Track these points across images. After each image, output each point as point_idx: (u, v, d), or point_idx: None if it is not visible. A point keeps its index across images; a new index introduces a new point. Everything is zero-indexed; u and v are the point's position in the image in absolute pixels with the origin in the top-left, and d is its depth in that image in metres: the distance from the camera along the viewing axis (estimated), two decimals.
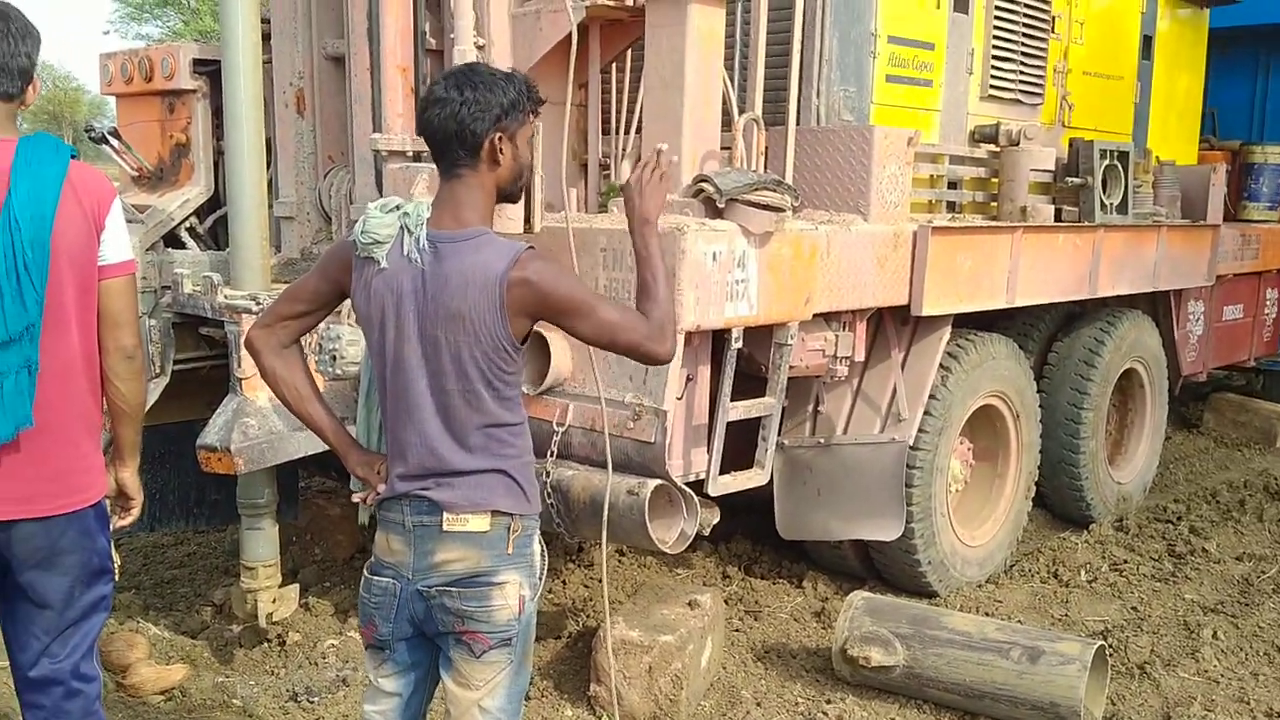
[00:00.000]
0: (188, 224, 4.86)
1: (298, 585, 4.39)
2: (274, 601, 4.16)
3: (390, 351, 2.39)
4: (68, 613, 2.62)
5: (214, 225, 4.94)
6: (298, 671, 4.16)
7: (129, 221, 4.48)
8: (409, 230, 2.34)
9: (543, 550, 2.56)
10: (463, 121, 2.32)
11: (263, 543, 4.13)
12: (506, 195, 2.48)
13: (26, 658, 2.62)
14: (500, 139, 2.37)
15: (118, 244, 2.59)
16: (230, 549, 5.11)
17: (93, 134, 4.95)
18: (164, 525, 4.91)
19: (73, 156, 2.54)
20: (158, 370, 4.31)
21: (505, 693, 2.48)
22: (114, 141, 4.91)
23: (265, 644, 4.36)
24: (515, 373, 2.42)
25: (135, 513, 2.85)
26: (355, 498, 2.64)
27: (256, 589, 4.12)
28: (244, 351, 3.83)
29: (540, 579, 2.54)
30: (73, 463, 2.56)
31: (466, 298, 2.31)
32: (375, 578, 2.50)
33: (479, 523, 2.41)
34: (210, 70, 4.64)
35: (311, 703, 3.92)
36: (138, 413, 2.72)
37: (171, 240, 4.82)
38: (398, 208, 2.39)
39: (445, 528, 2.40)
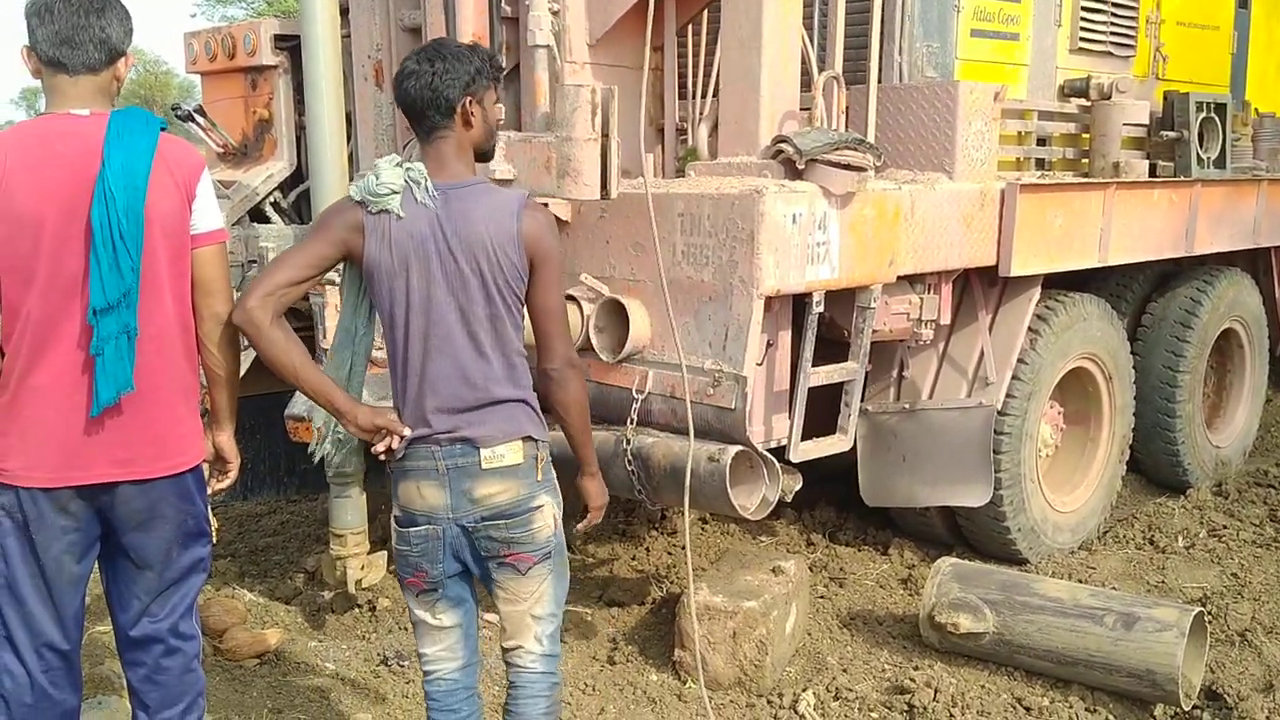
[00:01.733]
0: (272, 199, 4.93)
1: (386, 552, 4.46)
2: (363, 568, 4.23)
3: (418, 293, 2.59)
4: (167, 573, 2.70)
5: (297, 199, 5.00)
6: (388, 636, 4.24)
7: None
8: (415, 182, 2.58)
9: None
10: (437, 89, 2.61)
11: (351, 510, 4.20)
12: (482, 154, 2.77)
13: (128, 617, 2.71)
14: (470, 103, 2.64)
15: (208, 213, 2.65)
16: (321, 517, 5.21)
17: (179, 112, 5.04)
18: (257, 494, 5.03)
19: (162, 129, 2.59)
20: (247, 343, 4.38)
21: (551, 598, 2.80)
22: (199, 119, 5.00)
23: (356, 609, 4.44)
24: (525, 302, 2.70)
25: (233, 475, 2.93)
26: (378, 448, 2.71)
27: (346, 556, 4.19)
28: (329, 322, 3.91)
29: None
30: (171, 427, 2.62)
31: (489, 229, 2.59)
32: (412, 529, 2.69)
33: (514, 455, 2.66)
34: (291, 46, 4.69)
35: (402, 666, 3.99)
36: (233, 378, 2.78)
37: (257, 215, 4.90)
38: (399, 164, 2.61)
39: (484, 465, 2.63)
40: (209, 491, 2.88)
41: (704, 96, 4.52)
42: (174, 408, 2.64)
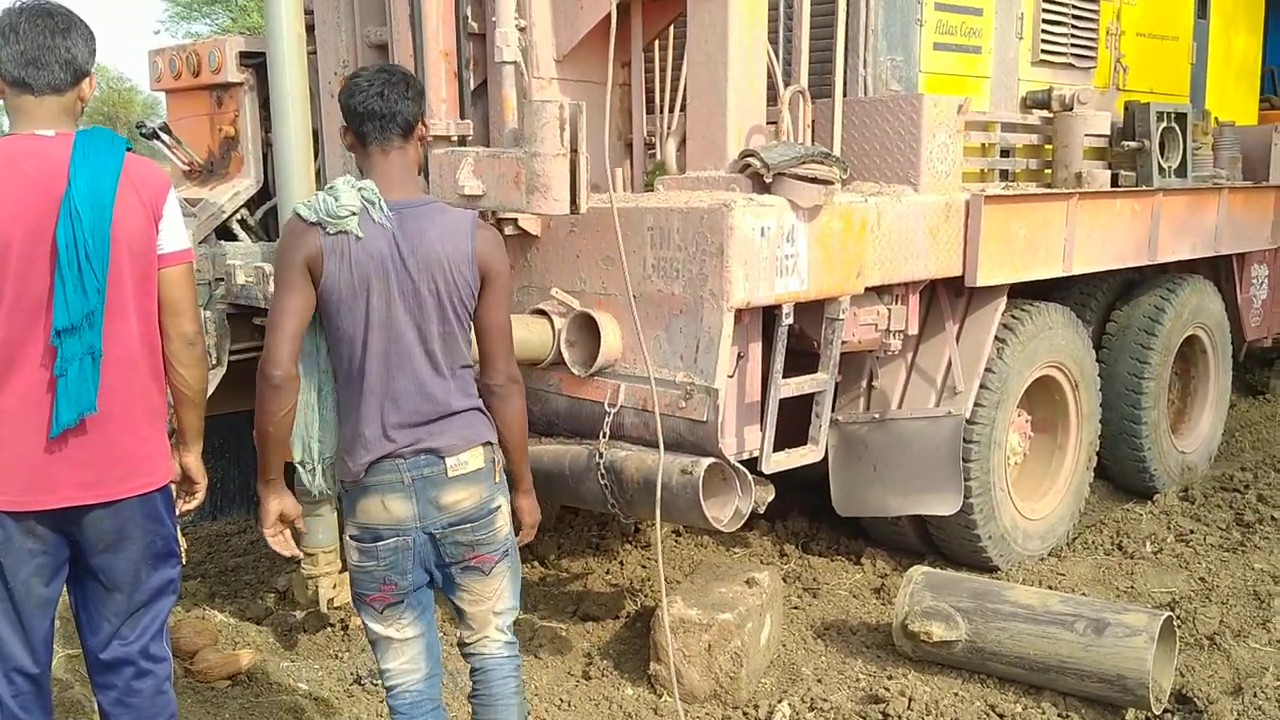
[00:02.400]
0: (239, 216, 4.91)
1: None
2: (334, 587, 4.20)
3: (379, 311, 2.66)
4: (136, 595, 2.68)
5: (265, 216, 4.98)
6: (360, 655, 4.21)
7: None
8: (371, 202, 2.65)
9: None
10: (401, 108, 2.72)
11: (322, 529, 4.17)
12: (423, 169, 2.97)
13: (98, 640, 2.69)
14: (421, 123, 2.80)
15: (175, 233, 2.64)
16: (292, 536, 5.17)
17: (144, 130, 5.01)
18: (226, 514, 4.99)
19: (128, 149, 2.58)
20: (214, 361, 4.36)
21: (510, 592, 2.94)
22: (165, 137, 4.97)
23: (328, 629, 4.41)
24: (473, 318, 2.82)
25: (200, 496, 2.92)
26: (268, 533, 2.84)
27: (317, 575, 4.17)
28: None
29: None
30: (137, 447, 2.61)
31: (445, 249, 2.68)
32: (379, 543, 2.74)
33: (476, 460, 2.77)
34: (256, 63, 4.68)
35: (375, 685, 3.96)
36: (200, 398, 2.77)
37: (224, 233, 4.88)
38: (354, 186, 2.67)
39: (450, 473, 2.73)
40: (177, 512, 2.86)
41: (671, 111, 4.55)
42: (140, 428, 2.62)
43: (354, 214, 2.62)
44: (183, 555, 2.84)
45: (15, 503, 2.50)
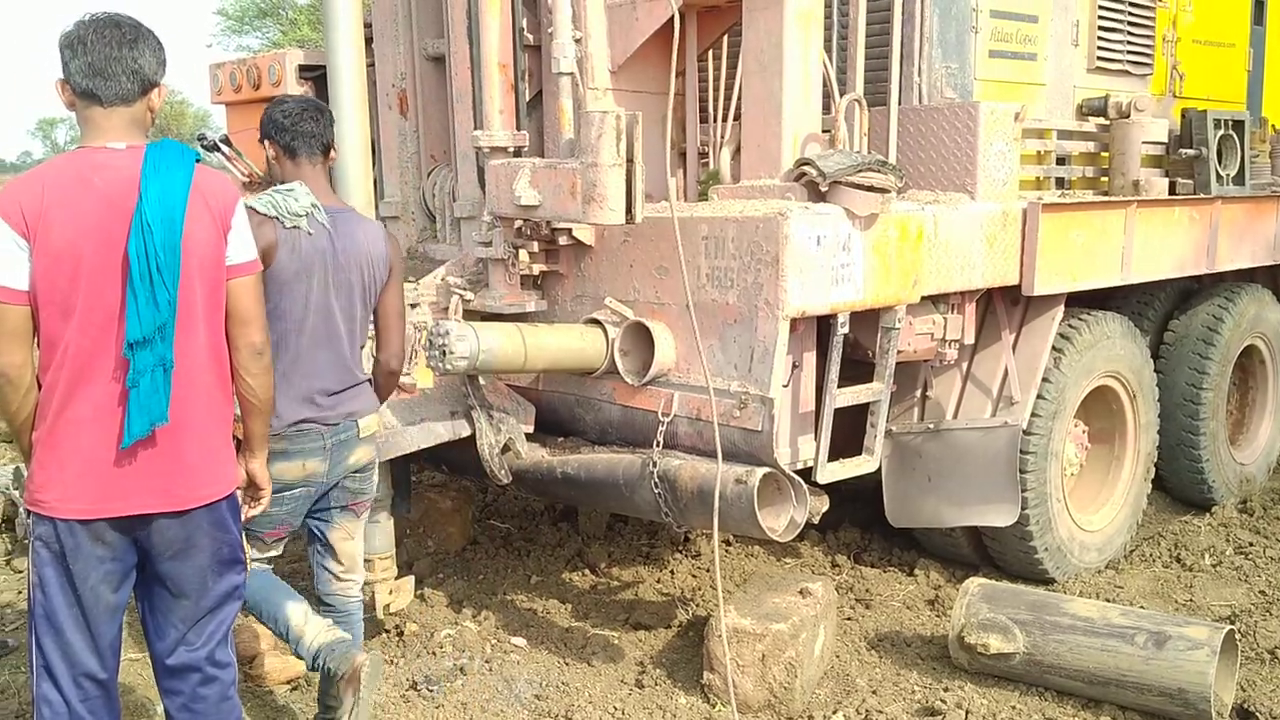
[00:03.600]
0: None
1: (412, 577, 4.48)
2: (391, 593, 4.24)
3: (317, 296, 3.21)
4: (203, 601, 2.72)
5: None
6: (416, 661, 4.24)
7: None
8: (315, 206, 3.21)
9: None
10: (328, 132, 3.37)
11: (379, 535, 4.21)
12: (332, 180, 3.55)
13: (165, 646, 2.73)
14: (332, 148, 3.42)
15: (243, 244, 2.68)
16: None
17: (205, 142, 5.08)
18: None
19: (196, 161, 2.62)
20: None
21: (363, 529, 3.65)
22: (225, 149, 5.04)
23: (384, 634, 4.45)
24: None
25: (265, 501, 2.97)
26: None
27: (374, 581, 4.20)
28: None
29: None
30: (206, 456, 2.64)
31: (369, 248, 3.33)
32: (287, 493, 3.25)
33: (375, 424, 3.44)
34: (315, 75, 4.75)
35: (431, 691, 3.99)
36: (266, 406, 2.83)
37: None
38: (305, 190, 3.21)
39: (361, 434, 3.37)
40: (242, 518, 2.91)
41: (726, 120, 4.56)
42: (208, 438, 2.66)
43: (306, 214, 3.16)
44: (248, 562, 2.87)
45: (87, 510, 2.54)
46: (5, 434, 6.39)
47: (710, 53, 4.68)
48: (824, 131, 4.12)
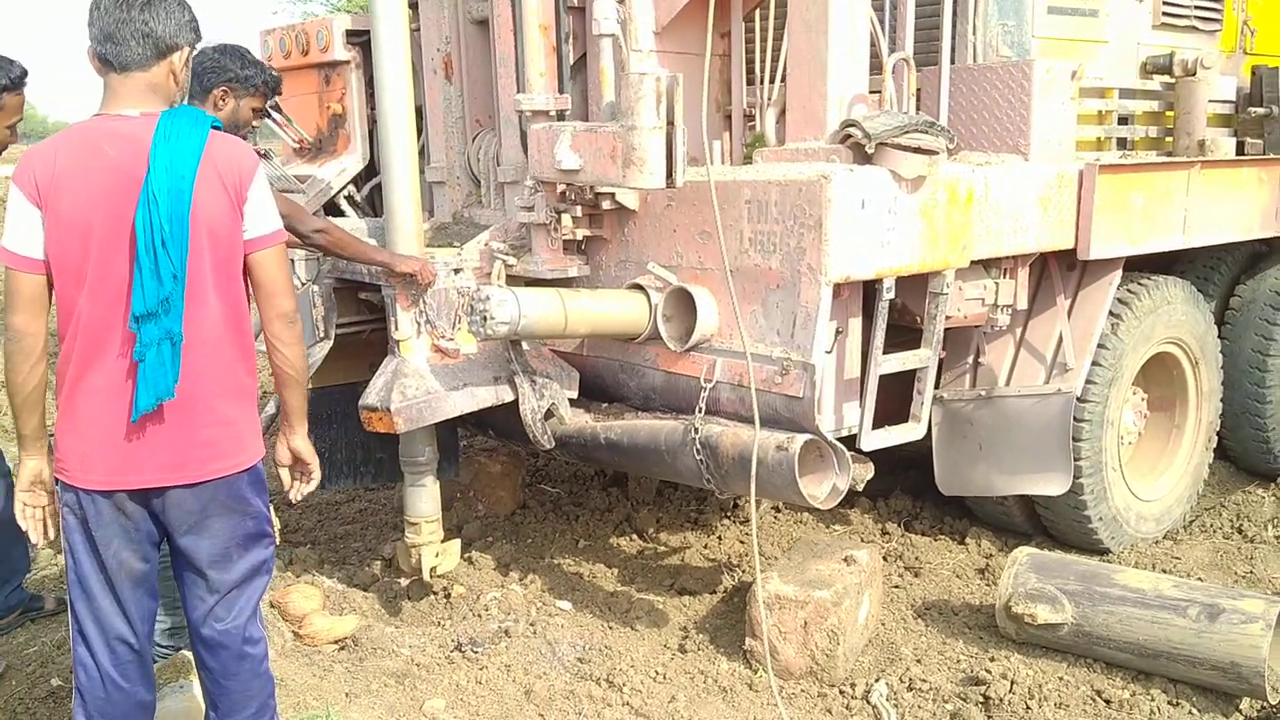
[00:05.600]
0: (346, 192, 5.00)
1: (459, 540, 4.52)
2: (437, 556, 4.29)
3: None
4: (226, 576, 2.70)
5: (370, 193, 5.07)
6: (462, 623, 4.29)
7: (290, 192, 4.68)
8: None
9: None
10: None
11: (425, 499, 4.26)
12: None
13: (196, 617, 2.74)
14: None
15: (263, 215, 2.61)
16: (398, 505, 5.29)
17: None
18: (334, 483, 5.10)
19: (216, 128, 2.56)
20: (322, 334, 4.46)
21: None
22: (275, 115, 5.06)
23: (431, 596, 4.50)
24: None
25: (316, 476, 2.89)
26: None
27: (420, 544, 4.25)
28: (400, 314, 3.97)
29: None
30: (221, 429, 2.61)
31: None
32: None
33: None
34: (363, 41, 4.74)
35: (475, 653, 4.03)
36: (301, 376, 2.77)
37: (331, 208, 4.98)
38: None
39: None
40: (294, 496, 2.89)
41: (771, 82, 4.48)
42: (224, 410, 2.61)
43: None
44: (276, 535, 2.84)
45: (103, 481, 2.55)
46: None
47: (756, 12, 4.59)
48: (872, 93, 4.03)
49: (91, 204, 2.45)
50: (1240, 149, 5.11)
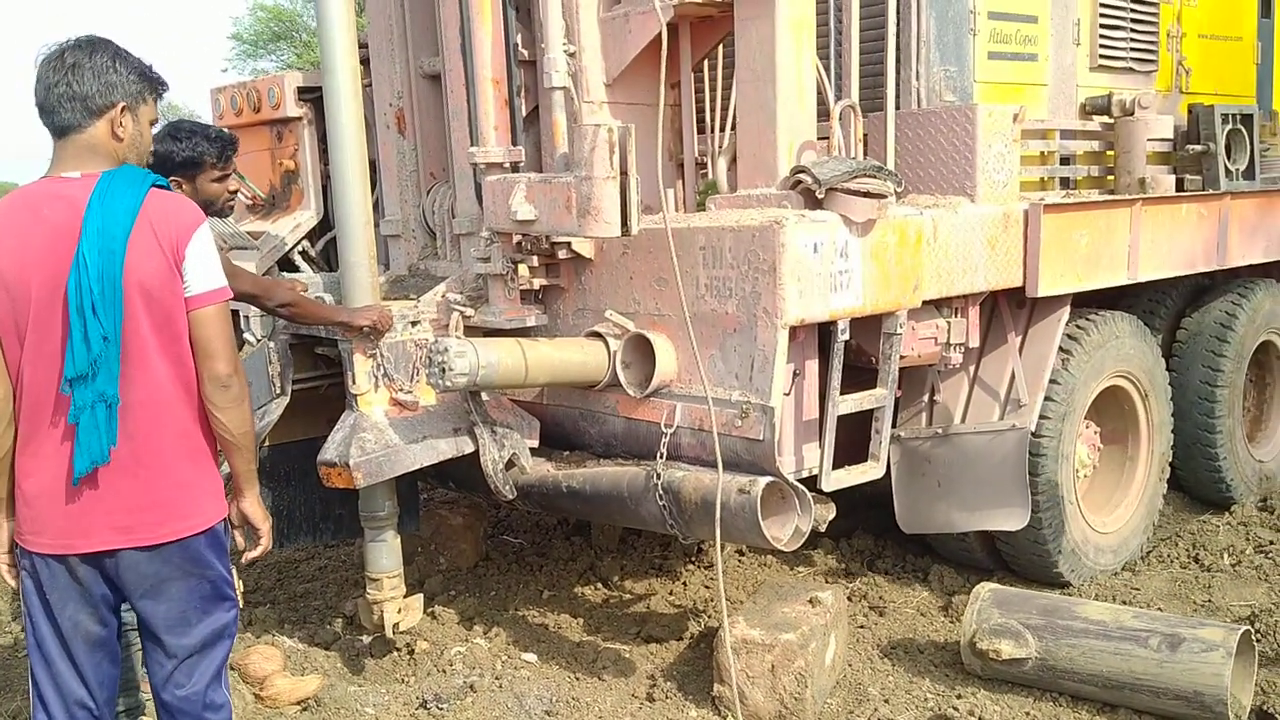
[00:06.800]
0: (300, 247, 4.99)
1: (421, 595, 4.47)
2: (399, 611, 4.23)
3: None
4: (185, 641, 2.63)
5: (325, 247, 5.06)
6: (426, 679, 4.24)
7: (243, 249, 4.66)
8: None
9: None
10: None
11: (386, 554, 4.21)
12: None
13: (156, 682, 2.68)
14: None
15: (203, 273, 2.54)
16: (358, 561, 5.24)
17: None
18: (292, 541, 5.03)
19: (160, 186, 2.53)
20: (279, 390, 4.43)
21: None
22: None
23: (395, 653, 4.44)
24: None
25: (265, 541, 2.82)
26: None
27: (382, 600, 4.20)
28: (357, 368, 3.95)
29: None
30: (173, 491, 2.55)
31: None
32: None
33: None
34: (314, 97, 4.76)
35: (440, 709, 3.98)
36: (244, 441, 2.66)
37: (286, 264, 4.96)
38: None
39: None
40: (244, 560, 2.83)
41: (722, 130, 4.56)
42: (177, 472, 2.56)
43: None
44: (239, 598, 2.77)
45: (53, 546, 2.51)
46: None
47: (705, 63, 4.67)
48: (820, 139, 4.10)
49: (29, 266, 2.43)
50: (1180, 185, 5.24)
